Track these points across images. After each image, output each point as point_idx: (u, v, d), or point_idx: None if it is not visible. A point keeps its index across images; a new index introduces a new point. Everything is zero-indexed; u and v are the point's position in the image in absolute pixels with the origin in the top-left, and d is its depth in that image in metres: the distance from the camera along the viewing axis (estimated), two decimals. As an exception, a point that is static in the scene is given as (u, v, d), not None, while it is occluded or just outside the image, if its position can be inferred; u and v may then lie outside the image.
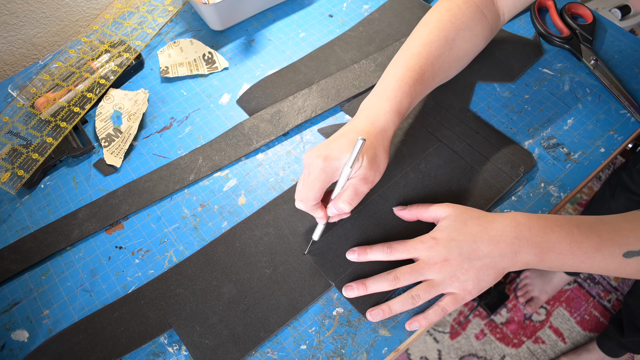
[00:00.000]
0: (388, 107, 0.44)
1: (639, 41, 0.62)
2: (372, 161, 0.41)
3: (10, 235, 0.51)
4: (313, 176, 0.40)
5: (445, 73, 0.50)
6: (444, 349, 1.15)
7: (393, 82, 0.45)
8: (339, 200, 0.41)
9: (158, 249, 0.49)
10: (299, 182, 0.42)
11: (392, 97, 0.44)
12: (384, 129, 0.43)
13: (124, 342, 0.43)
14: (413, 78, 0.45)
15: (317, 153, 0.41)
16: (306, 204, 0.42)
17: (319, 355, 0.43)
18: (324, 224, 0.45)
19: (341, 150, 0.40)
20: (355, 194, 0.41)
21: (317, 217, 0.44)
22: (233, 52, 0.66)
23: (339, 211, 0.42)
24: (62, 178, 0.55)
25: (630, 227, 0.40)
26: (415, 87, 0.45)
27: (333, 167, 0.40)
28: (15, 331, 0.45)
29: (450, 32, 0.48)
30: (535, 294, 1.18)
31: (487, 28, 0.51)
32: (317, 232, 0.45)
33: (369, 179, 0.41)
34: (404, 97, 0.45)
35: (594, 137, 0.54)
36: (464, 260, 0.41)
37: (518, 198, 0.50)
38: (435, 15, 0.49)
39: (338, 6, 0.70)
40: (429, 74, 0.47)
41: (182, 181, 0.53)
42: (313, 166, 0.40)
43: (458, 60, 0.50)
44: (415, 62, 0.46)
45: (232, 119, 0.59)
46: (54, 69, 0.62)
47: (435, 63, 0.47)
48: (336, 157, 0.40)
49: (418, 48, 0.47)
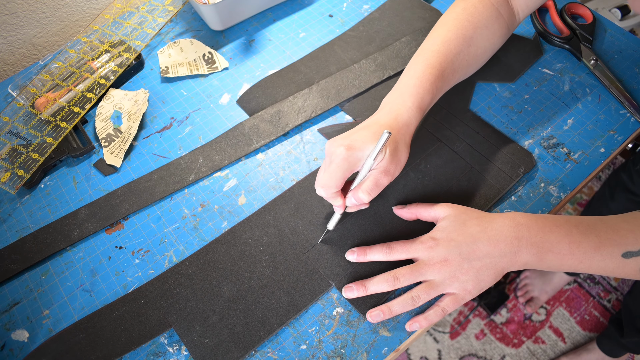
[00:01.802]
0: (410, 103, 0.45)
1: (639, 41, 0.62)
2: (394, 154, 0.42)
3: (11, 235, 0.51)
4: (335, 164, 0.41)
5: (464, 70, 0.51)
6: (444, 349, 1.15)
7: (414, 78, 0.46)
8: (358, 190, 0.42)
9: (158, 249, 0.49)
10: (320, 169, 0.44)
11: (414, 94, 0.45)
12: (407, 124, 0.44)
13: (124, 341, 0.43)
14: (434, 75, 0.46)
15: (340, 142, 0.41)
16: (327, 191, 0.42)
17: (319, 355, 0.43)
18: (340, 214, 0.45)
19: (364, 141, 0.41)
20: (375, 185, 0.41)
21: (335, 205, 0.45)
22: (233, 52, 0.66)
23: (358, 201, 0.42)
24: (62, 178, 0.55)
25: (629, 227, 0.40)
26: (436, 83, 0.46)
27: (355, 158, 0.41)
28: (15, 331, 0.45)
29: (468, 30, 0.49)
30: (535, 294, 1.18)
31: (503, 26, 0.52)
32: (333, 222, 0.46)
33: (390, 171, 0.42)
34: (426, 94, 0.45)
35: (594, 137, 0.54)
36: (464, 260, 0.41)
37: (518, 198, 0.50)
38: (453, 15, 0.50)
39: (338, 6, 0.70)
40: (449, 71, 0.48)
41: (182, 181, 0.53)
42: (336, 155, 0.41)
43: (476, 58, 0.51)
44: (435, 60, 0.47)
45: (232, 119, 0.59)
46: (54, 69, 0.62)
47: (455, 60, 0.48)
48: (359, 148, 0.41)
49: (437, 46, 0.48)
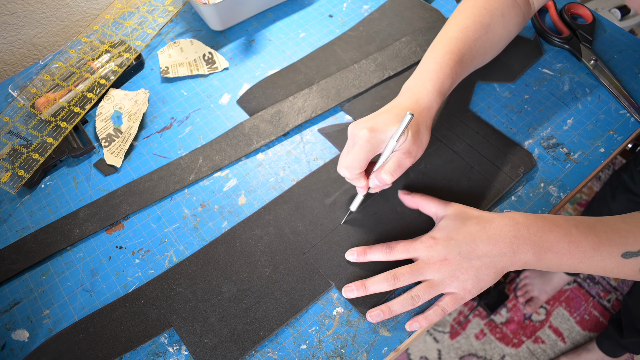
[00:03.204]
0: (430, 87, 0.45)
1: (638, 41, 0.62)
2: (416, 136, 0.42)
3: (11, 235, 0.51)
4: (359, 146, 0.42)
5: (482, 57, 0.51)
6: (444, 348, 1.15)
7: (434, 64, 0.47)
8: (381, 171, 0.42)
9: (158, 248, 0.49)
10: (342, 152, 0.44)
11: (434, 78, 0.46)
12: (428, 107, 0.45)
13: (124, 341, 0.43)
14: (453, 60, 0.47)
15: (363, 125, 0.42)
16: (351, 172, 0.43)
17: (319, 355, 0.43)
18: (363, 195, 0.46)
19: (387, 123, 0.42)
20: (398, 166, 0.42)
21: (358, 186, 0.45)
22: (233, 52, 0.66)
23: (381, 182, 0.43)
24: (62, 178, 0.55)
25: (629, 227, 0.40)
26: (455, 68, 0.47)
27: (378, 139, 0.42)
28: (15, 331, 0.45)
29: (485, 17, 0.49)
30: (535, 293, 1.18)
31: (519, 14, 0.52)
32: (356, 203, 0.47)
33: (412, 153, 0.42)
34: (446, 79, 0.46)
35: (594, 137, 0.54)
36: (463, 259, 0.41)
37: (518, 198, 0.50)
38: (470, 3, 0.51)
39: (338, 6, 0.70)
40: (467, 57, 0.48)
41: (183, 181, 0.53)
42: (359, 137, 0.42)
43: (493, 45, 0.52)
44: (454, 46, 0.48)
45: (233, 119, 0.59)
46: (55, 69, 0.62)
47: (473, 47, 0.49)
48: (382, 130, 0.41)
49: (456, 32, 0.49)
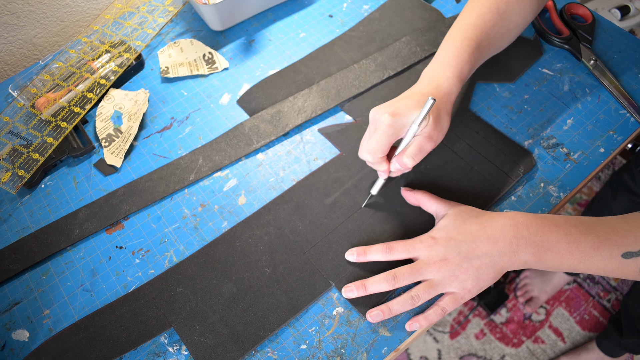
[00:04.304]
0: (450, 72, 0.46)
1: (638, 41, 0.62)
2: (437, 121, 0.43)
3: (11, 235, 0.51)
4: (381, 130, 0.42)
5: (498, 43, 0.52)
6: (444, 348, 1.15)
7: (452, 50, 0.47)
8: (403, 155, 0.43)
9: (158, 248, 0.49)
10: (364, 137, 0.45)
11: (453, 64, 0.46)
12: (448, 92, 0.45)
13: (124, 341, 0.43)
14: (471, 46, 0.47)
15: (385, 110, 0.42)
16: (373, 156, 0.44)
17: (319, 355, 0.43)
18: (384, 179, 0.47)
19: (409, 108, 0.42)
20: (419, 150, 0.42)
21: (380, 170, 0.46)
22: (233, 52, 0.66)
23: (402, 166, 0.44)
24: (62, 178, 0.55)
25: (629, 228, 0.40)
26: (473, 54, 0.48)
27: (400, 124, 0.42)
28: (15, 331, 0.45)
29: (500, 5, 0.50)
30: (535, 293, 1.18)
31: (534, 1, 0.53)
32: (377, 187, 0.48)
33: (434, 137, 0.43)
34: (464, 64, 0.47)
35: (594, 137, 0.54)
36: (463, 259, 0.41)
37: (518, 198, 0.51)
38: None
39: (338, 6, 0.70)
40: (485, 43, 0.49)
41: (183, 181, 0.53)
42: (380, 122, 0.42)
43: (509, 32, 0.52)
44: (472, 33, 0.48)
45: (233, 119, 0.59)
46: (55, 69, 0.62)
47: (490, 33, 0.49)
48: (404, 115, 0.42)
49: (473, 19, 0.49)
